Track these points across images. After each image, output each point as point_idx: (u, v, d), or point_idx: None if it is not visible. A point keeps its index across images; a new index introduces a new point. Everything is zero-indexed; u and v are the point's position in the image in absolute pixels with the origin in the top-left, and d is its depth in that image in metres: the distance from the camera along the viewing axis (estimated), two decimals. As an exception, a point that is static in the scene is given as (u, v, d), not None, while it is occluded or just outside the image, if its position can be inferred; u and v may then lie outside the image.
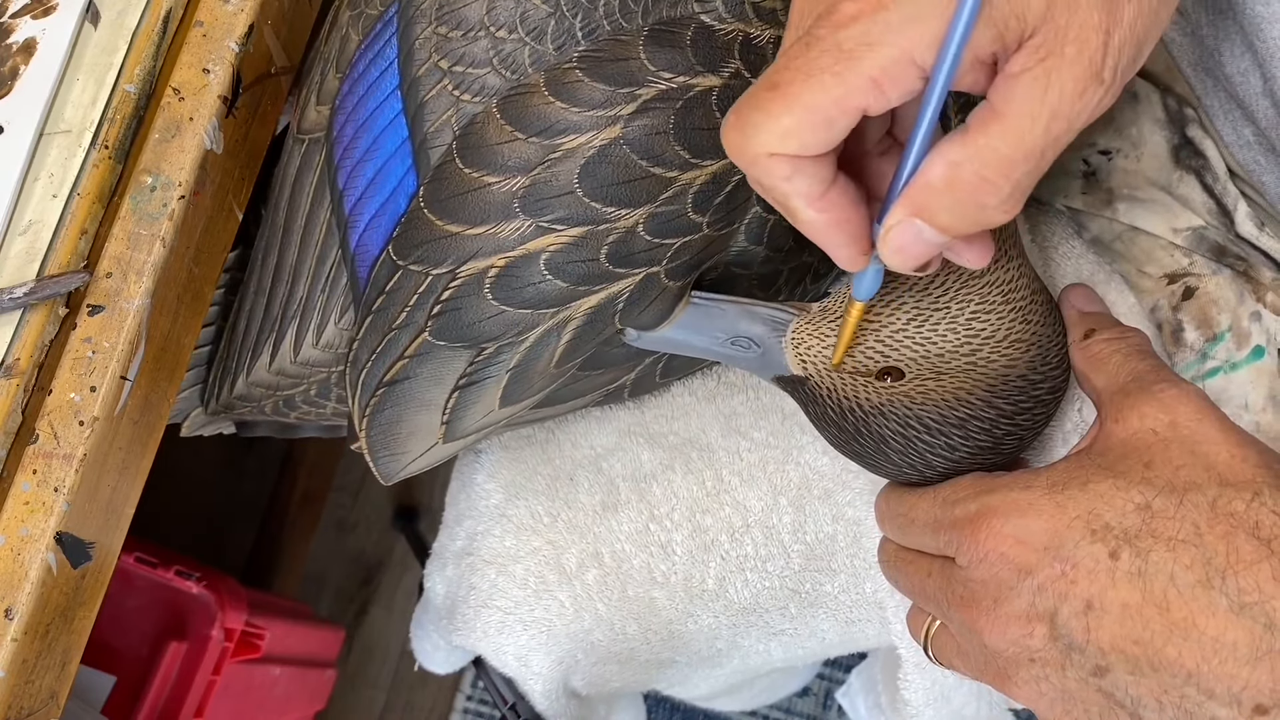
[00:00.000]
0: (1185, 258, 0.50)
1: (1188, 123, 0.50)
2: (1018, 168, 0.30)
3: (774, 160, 0.31)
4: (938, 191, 0.31)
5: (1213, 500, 0.34)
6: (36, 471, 0.39)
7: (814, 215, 0.33)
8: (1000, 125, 0.29)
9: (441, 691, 1.12)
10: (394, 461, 0.45)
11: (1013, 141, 0.29)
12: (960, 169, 0.30)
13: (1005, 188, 0.30)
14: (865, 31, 0.29)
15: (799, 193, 0.32)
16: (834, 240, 0.34)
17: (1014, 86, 0.29)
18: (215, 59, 0.44)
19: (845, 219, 0.33)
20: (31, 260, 0.42)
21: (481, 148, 0.39)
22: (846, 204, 0.33)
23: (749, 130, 0.31)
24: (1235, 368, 0.49)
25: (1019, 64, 0.29)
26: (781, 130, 0.31)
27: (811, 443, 0.49)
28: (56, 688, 0.41)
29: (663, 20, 0.38)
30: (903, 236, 0.32)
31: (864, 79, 0.30)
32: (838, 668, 1.08)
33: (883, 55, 0.29)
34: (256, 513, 1.09)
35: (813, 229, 0.33)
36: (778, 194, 0.33)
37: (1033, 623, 0.35)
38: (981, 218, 0.31)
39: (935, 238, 0.32)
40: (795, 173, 0.32)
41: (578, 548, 0.51)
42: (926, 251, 0.33)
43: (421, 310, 0.41)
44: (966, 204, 0.31)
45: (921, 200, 0.31)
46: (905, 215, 0.32)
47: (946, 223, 0.32)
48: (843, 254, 0.34)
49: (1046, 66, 0.29)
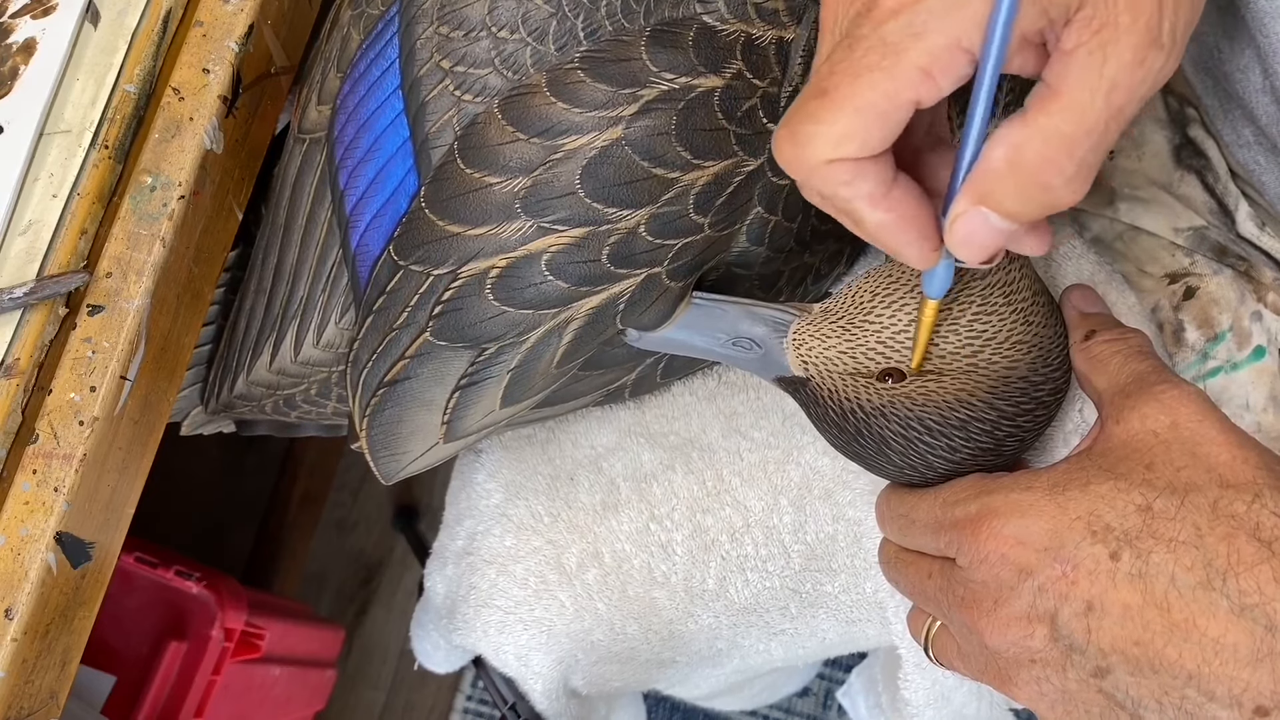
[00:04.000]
0: (1186, 257, 0.50)
1: (1189, 122, 0.50)
2: (1081, 145, 0.29)
3: (833, 167, 0.31)
4: (1001, 176, 0.30)
5: (1214, 502, 0.34)
6: (36, 471, 0.39)
7: (880, 216, 0.32)
8: (1059, 103, 0.29)
9: (441, 691, 1.12)
10: (394, 461, 0.45)
11: (1074, 118, 0.29)
12: (1022, 151, 0.30)
13: (1070, 167, 0.30)
14: (908, 23, 0.29)
15: (862, 196, 0.32)
16: (903, 239, 0.33)
17: (1069, 62, 0.28)
18: (215, 59, 0.44)
19: (911, 216, 0.32)
20: (31, 260, 0.42)
21: (483, 148, 0.39)
22: (911, 201, 0.32)
23: (802, 141, 0.31)
24: (1236, 368, 0.49)
25: (1072, 39, 0.28)
26: (837, 135, 0.30)
27: (812, 443, 0.49)
28: (56, 688, 0.41)
29: (665, 21, 0.38)
30: (969, 225, 0.32)
31: (914, 70, 0.29)
32: (838, 667, 1.08)
33: (930, 44, 0.29)
34: (256, 512, 1.09)
35: (880, 231, 0.33)
36: (839, 201, 0.32)
37: (1033, 624, 0.35)
38: (1048, 200, 0.30)
39: (1002, 224, 0.31)
40: (856, 176, 0.31)
41: (578, 547, 0.51)
42: (995, 240, 0.32)
43: (423, 310, 0.41)
44: (1031, 187, 0.30)
45: (986, 187, 0.31)
46: (970, 204, 0.31)
47: (1013, 208, 0.31)
48: (913, 252, 0.33)
49: (1102, 38, 0.28)
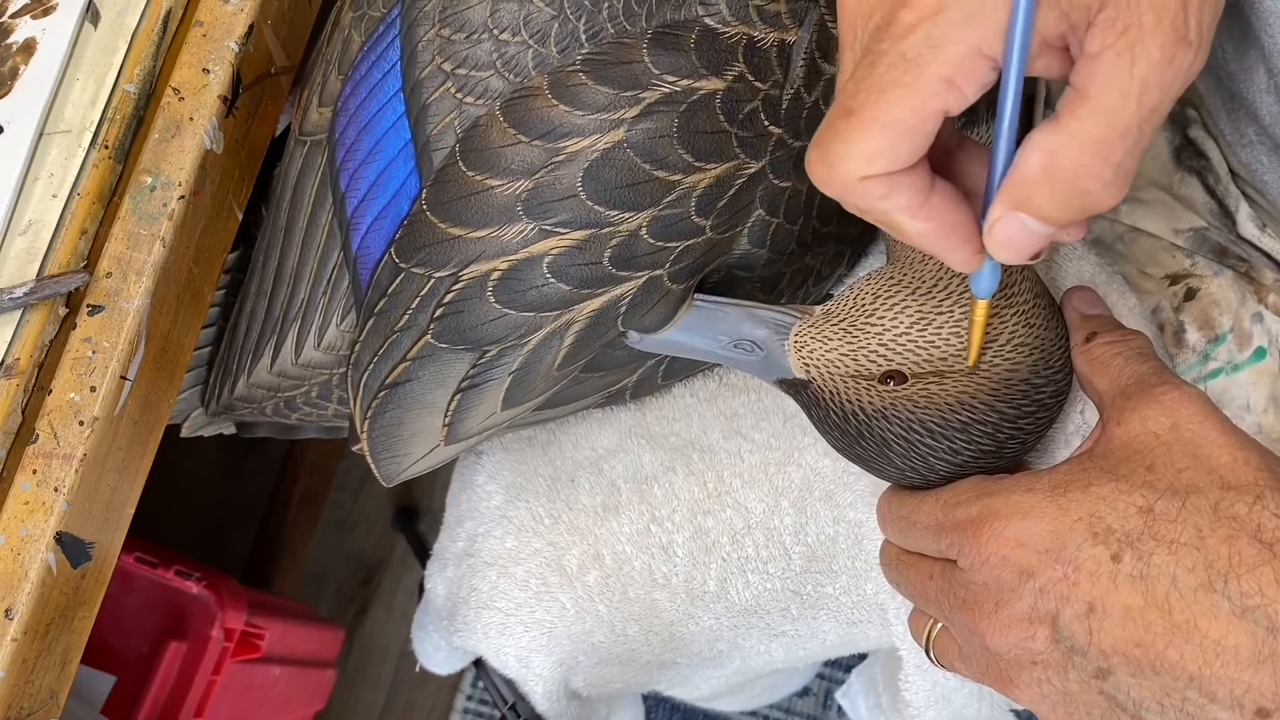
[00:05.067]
0: (1187, 259, 0.50)
1: (1189, 123, 0.50)
2: (1116, 148, 0.29)
3: (867, 183, 0.31)
4: (1036, 183, 0.30)
5: (1215, 503, 0.34)
6: (36, 471, 0.39)
7: (921, 226, 0.32)
8: (1089, 106, 0.29)
9: (441, 691, 1.12)
10: (395, 463, 0.45)
11: (1106, 122, 0.29)
12: (1057, 157, 0.29)
13: (1106, 171, 0.29)
14: (928, 36, 0.29)
15: (900, 208, 0.32)
16: (946, 245, 0.33)
17: (1096, 65, 0.28)
18: (215, 59, 0.43)
19: (952, 223, 0.32)
20: (31, 260, 0.42)
21: (485, 150, 0.39)
22: (949, 207, 0.32)
23: (834, 161, 0.31)
24: (1237, 369, 0.49)
25: (1097, 42, 0.28)
26: (867, 154, 0.30)
27: (813, 444, 0.49)
28: (56, 688, 0.41)
29: (666, 23, 0.38)
30: (1007, 230, 0.31)
31: (937, 81, 0.29)
32: (838, 668, 1.08)
33: (951, 54, 0.29)
34: (256, 513, 1.09)
35: (923, 239, 0.33)
36: (878, 214, 0.32)
37: (1034, 625, 0.35)
38: (1086, 204, 0.30)
39: (1040, 229, 0.31)
40: (891, 190, 0.31)
41: (579, 549, 0.51)
42: (1035, 242, 0.32)
43: (424, 313, 0.41)
44: (1068, 192, 0.30)
45: (1022, 194, 0.31)
46: (1007, 210, 0.31)
47: (1050, 213, 0.31)
48: (957, 257, 0.33)
49: (1128, 39, 0.28)
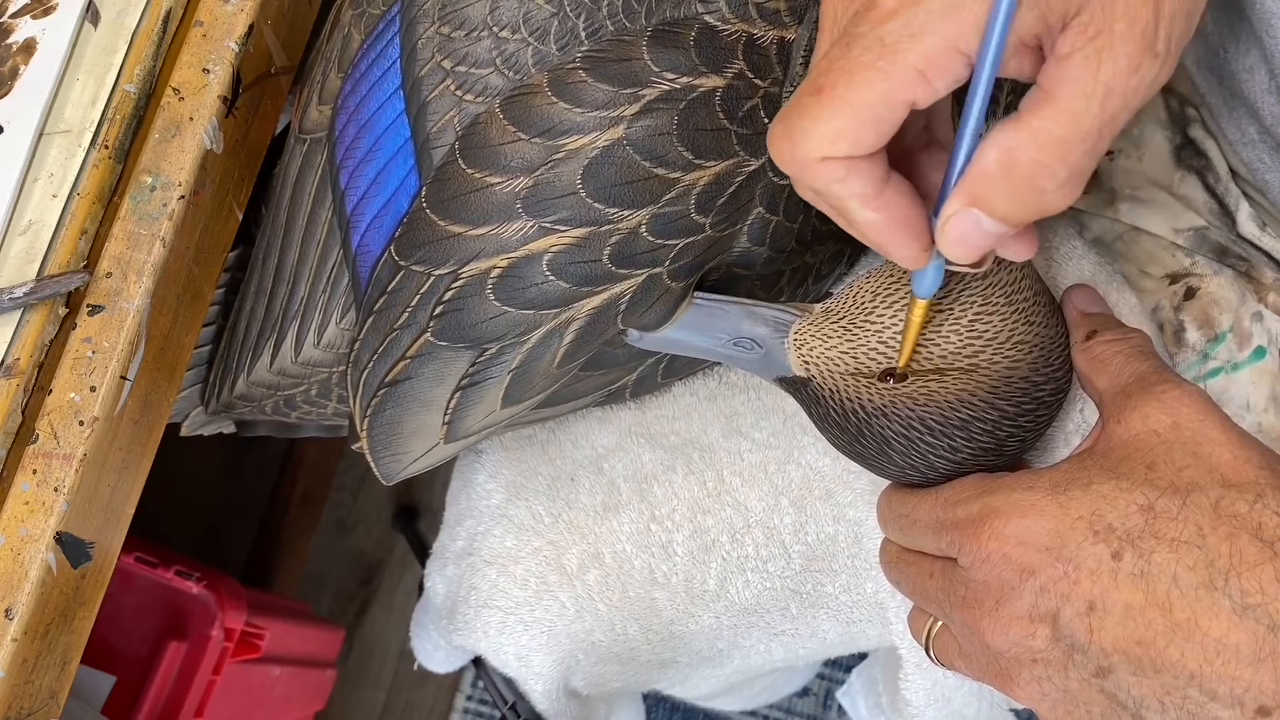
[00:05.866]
0: (1187, 258, 0.50)
1: (1189, 123, 0.50)
2: (1074, 149, 0.29)
3: (826, 164, 0.31)
4: (993, 179, 0.30)
5: (1215, 502, 0.34)
6: (36, 471, 0.39)
7: (871, 216, 0.32)
8: (1053, 107, 0.29)
9: (441, 691, 1.12)
10: (395, 462, 0.45)
11: (1067, 122, 0.29)
12: (1015, 154, 0.30)
13: (1062, 171, 0.30)
14: (906, 24, 0.29)
15: (854, 194, 0.32)
16: (894, 239, 0.33)
17: (1065, 67, 0.29)
18: (215, 59, 0.43)
19: (903, 216, 0.32)
20: (31, 260, 0.42)
21: (484, 148, 0.39)
22: (903, 202, 0.32)
23: (797, 137, 0.31)
24: (1237, 368, 0.49)
25: (1068, 44, 0.29)
26: (831, 133, 0.30)
27: (813, 443, 0.49)
28: (56, 688, 0.41)
29: (666, 21, 0.38)
30: (961, 226, 0.32)
31: (910, 71, 0.29)
32: (838, 667, 1.08)
33: (926, 45, 0.29)
34: (256, 513, 1.09)
35: (871, 229, 0.33)
36: (832, 198, 0.32)
37: (1035, 623, 0.35)
38: (1040, 203, 0.31)
39: (994, 227, 0.31)
40: (849, 174, 0.31)
41: (579, 548, 0.51)
42: (987, 241, 0.32)
43: (424, 311, 0.41)
44: (1024, 190, 0.30)
45: (978, 189, 0.31)
46: (962, 205, 0.31)
47: (1005, 210, 0.31)
48: (903, 252, 0.33)
49: (1097, 44, 0.28)
